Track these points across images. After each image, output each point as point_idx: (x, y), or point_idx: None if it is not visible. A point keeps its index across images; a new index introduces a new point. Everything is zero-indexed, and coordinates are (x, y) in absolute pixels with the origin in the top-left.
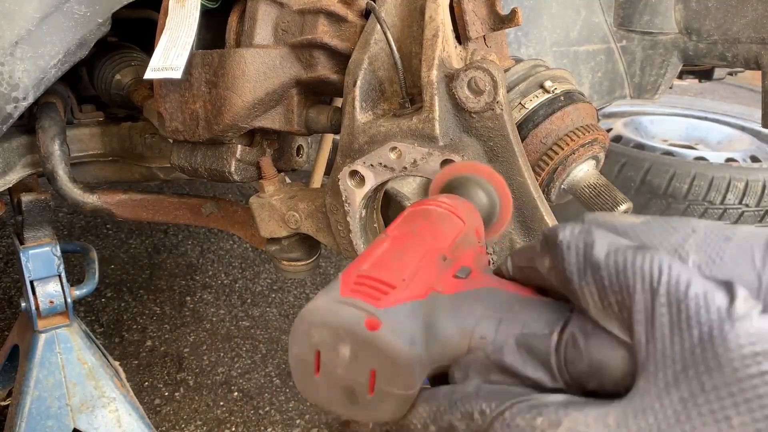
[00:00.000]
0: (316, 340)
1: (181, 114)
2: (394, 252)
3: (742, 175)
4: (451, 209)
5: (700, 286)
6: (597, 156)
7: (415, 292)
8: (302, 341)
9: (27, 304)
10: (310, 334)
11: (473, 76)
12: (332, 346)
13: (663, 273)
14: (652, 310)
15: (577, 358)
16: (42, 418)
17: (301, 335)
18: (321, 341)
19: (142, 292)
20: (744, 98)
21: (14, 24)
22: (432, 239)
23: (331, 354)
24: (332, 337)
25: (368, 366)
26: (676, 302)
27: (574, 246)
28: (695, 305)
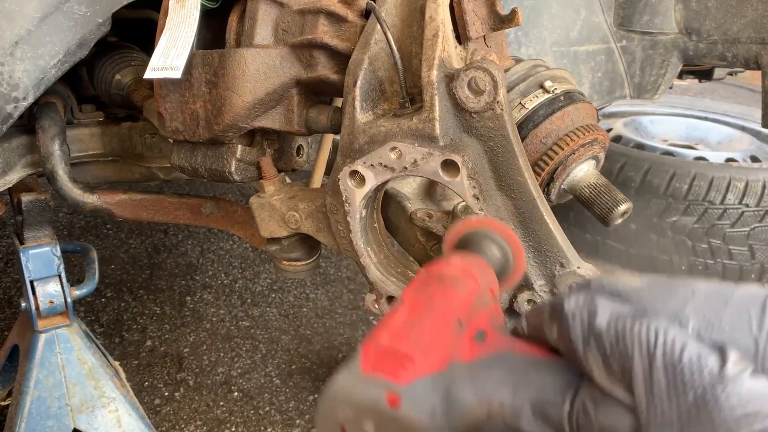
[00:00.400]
0: (340, 418)
1: (181, 114)
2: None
3: (742, 175)
4: (464, 271)
5: (694, 350)
6: (597, 156)
7: (433, 364)
8: (327, 419)
9: (27, 304)
10: (335, 413)
11: (473, 76)
12: (356, 422)
13: (659, 338)
14: (650, 375)
15: (587, 425)
16: (42, 418)
17: (326, 414)
18: (345, 419)
19: (142, 292)
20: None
21: (14, 24)
22: (447, 305)
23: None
24: (356, 414)
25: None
26: (672, 366)
27: (579, 316)
28: (689, 369)
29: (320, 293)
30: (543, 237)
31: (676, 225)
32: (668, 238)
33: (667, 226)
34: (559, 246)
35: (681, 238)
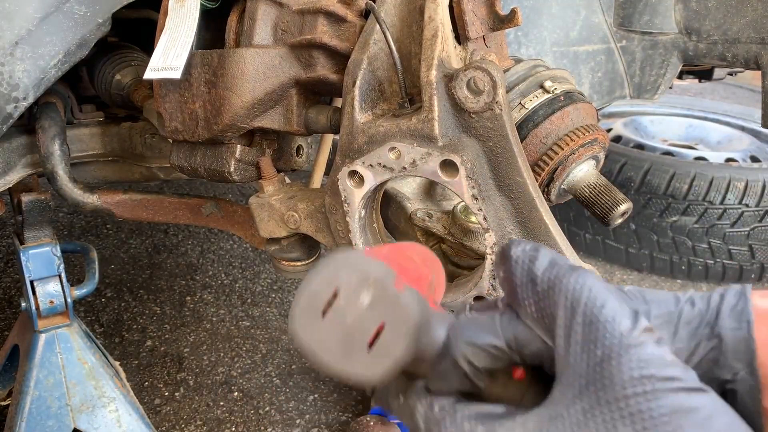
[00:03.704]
0: (341, 280)
1: (181, 114)
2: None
3: (742, 175)
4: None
5: (612, 310)
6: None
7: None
8: (327, 277)
9: (27, 304)
10: (339, 273)
11: (472, 76)
12: (355, 290)
13: (585, 292)
14: (570, 325)
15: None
16: (42, 418)
17: (326, 272)
18: (346, 282)
19: (142, 292)
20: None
21: (14, 24)
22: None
23: (350, 297)
24: (358, 282)
25: (380, 318)
26: (589, 321)
27: (521, 261)
28: (603, 326)
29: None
30: (542, 237)
31: (676, 225)
32: (668, 238)
33: (667, 226)
34: (558, 246)
35: (681, 238)
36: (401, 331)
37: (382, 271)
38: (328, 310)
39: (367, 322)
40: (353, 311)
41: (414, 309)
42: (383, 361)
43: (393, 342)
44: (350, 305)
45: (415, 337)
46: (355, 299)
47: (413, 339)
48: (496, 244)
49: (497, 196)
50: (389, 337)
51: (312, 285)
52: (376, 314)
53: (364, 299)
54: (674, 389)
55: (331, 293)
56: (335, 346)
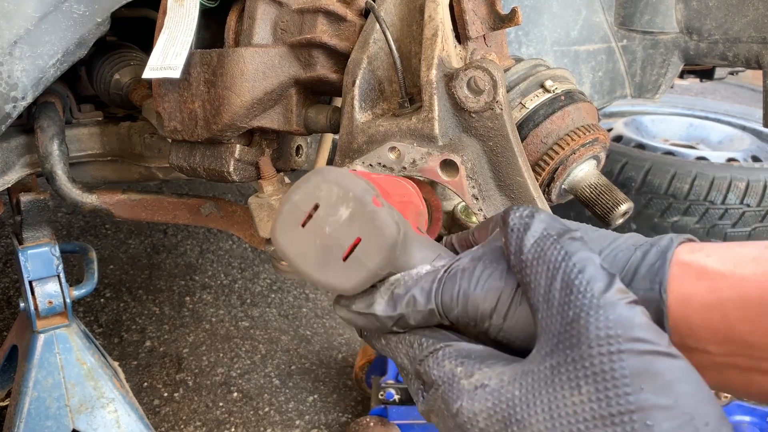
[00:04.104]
0: (321, 194)
1: (180, 113)
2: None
3: (744, 175)
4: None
5: (587, 275)
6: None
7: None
8: (309, 190)
9: (26, 304)
10: (319, 187)
11: (473, 75)
12: (335, 204)
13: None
14: (549, 290)
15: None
16: (41, 419)
17: (309, 185)
18: (326, 196)
19: (141, 292)
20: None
21: (13, 23)
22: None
23: (329, 210)
24: (339, 197)
25: (357, 233)
26: (566, 286)
27: (516, 229)
28: (578, 288)
29: (320, 293)
30: None
31: (677, 225)
32: None
33: (669, 226)
34: None
35: None
36: (375, 246)
37: (362, 187)
38: (308, 221)
39: (343, 235)
40: (331, 224)
41: (390, 227)
42: (356, 274)
43: (366, 256)
44: (329, 218)
45: (388, 254)
46: (333, 212)
47: (386, 255)
48: None
49: (498, 196)
50: (363, 251)
51: (295, 196)
52: (352, 228)
53: (342, 213)
54: (640, 351)
55: (312, 205)
56: (313, 255)
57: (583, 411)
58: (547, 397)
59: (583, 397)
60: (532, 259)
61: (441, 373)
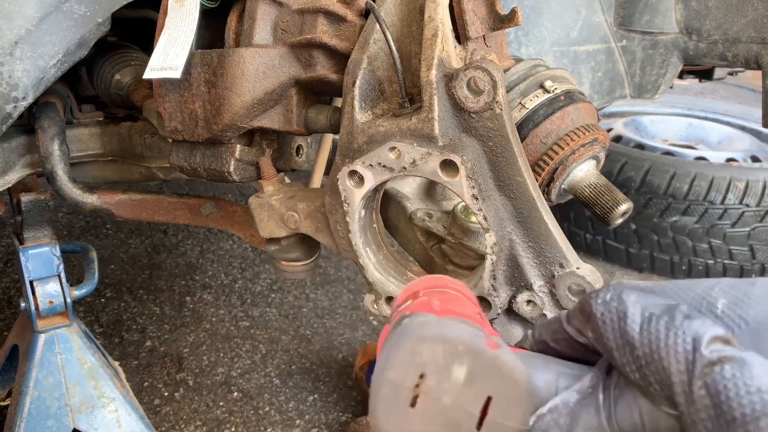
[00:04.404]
0: (424, 359)
1: (181, 114)
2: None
3: (743, 175)
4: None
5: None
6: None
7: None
8: (405, 361)
9: (26, 304)
10: (418, 352)
11: (472, 75)
12: (445, 366)
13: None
14: (691, 392)
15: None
16: (42, 419)
17: (404, 353)
18: (431, 361)
19: (141, 292)
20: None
21: (14, 24)
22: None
23: (440, 377)
24: (446, 355)
25: (485, 392)
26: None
27: (609, 320)
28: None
29: (320, 293)
30: (542, 237)
31: (677, 225)
32: (669, 239)
33: (668, 226)
34: (559, 246)
35: (682, 239)
36: (513, 401)
37: (468, 333)
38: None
39: (468, 400)
40: (449, 392)
41: (518, 370)
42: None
43: (506, 416)
44: (443, 385)
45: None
46: (447, 377)
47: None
48: (497, 244)
49: (497, 196)
50: (500, 411)
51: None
52: (477, 389)
53: (458, 375)
54: None
55: (416, 377)
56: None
57: None
58: None
59: None
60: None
61: None
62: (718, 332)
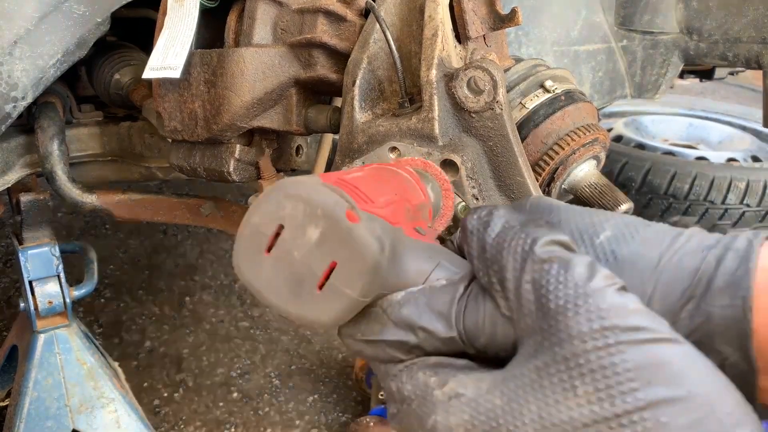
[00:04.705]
0: (285, 212)
1: (180, 113)
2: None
3: (744, 175)
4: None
5: (562, 262)
6: (598, 156)
7: (389, 216)
8: (269, 210)
9: (26, 304)
10: (282, 205)
11: (473, 75)
12: (302, 224)
13: (533, 249)
14: (519, 285)
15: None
16: (41, 419)
17: (270, 204)
18: (291, 215)
19: (141, 292)
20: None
21: (13, 23)
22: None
23: (296, 232)
24: (306, 214)
25: (331, 256)
26: (541, 276)
27: (475, 231)
28: (555, 281)
29: None
30: None
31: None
32: None
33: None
34: None
35: None
36: (353, 271)
37: (332, 200)
38: (273, 245)
39: (315, 260)
40: (300, 248)
41: (369, 246)
42: (335, 304)
43: (345, 283)
44: (296, 241)
45: (370, 278)
46: (301, 234)
47: (368, 280)
48: None
49: (498, 196)
50: (340, 277)
51: (254, 217)
52: (325, 252)
53: (311, 234)
54: (640, 341)
55: (275, 228)
56: (282, 285)
57: (581, 415)
58: (536, 404)
59: (580, 400)
60: (496, 254)
61: (413, 386)
62: (559, 237)
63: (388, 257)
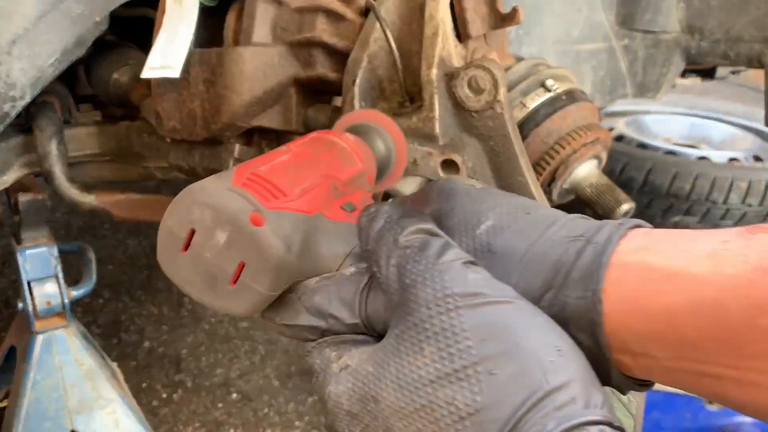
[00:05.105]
0: (194, 217)
1: (179, 113)
2: (293, 165)
3: (745, 174)
4: (353, 148)
5: (421, 244)
6: (599, 155)
7: (303, 207)
8: (180, 215)
9: (24, 304)
10: (191, 210)
11: (473, 74)
12: (210, 228)
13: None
14: (387, 269)
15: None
16: (39, 420)
17: (180, 209)
18: (199, 220)
19: (140, 293)
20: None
21: (12, 23)
22: (330, 167)
23: (205, 235)
24: (213, 219)
25: (239, 257)
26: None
27: (364, 228)
28: (411, 261)
29: None
30: None
31: (679, 225)
32: None
33: (670, 226)
34: None
35: None
36: (260, 270)
37: (237, 206)
38: (188, 245)
39: (225, 260)
40: (210, 249)
41: (273, 247)
42: (247, 298)
43: (253, 280)
44: (206, 243)
45: (276, 275)
46: (210, 237)
47: (274, 277)
48: None
49: None
50: (249, 275)
51: (168, 221)
52: (233, 253)
53: (219, 238)
54: (477, 304)
55: (187, 231)
56: (199, 281)
57: (428, 373)
58: (395, 367)
59: (426, 359)
60: (374, 248)
61: (320, 360)
62: (424, 226)
63: (298, 251)
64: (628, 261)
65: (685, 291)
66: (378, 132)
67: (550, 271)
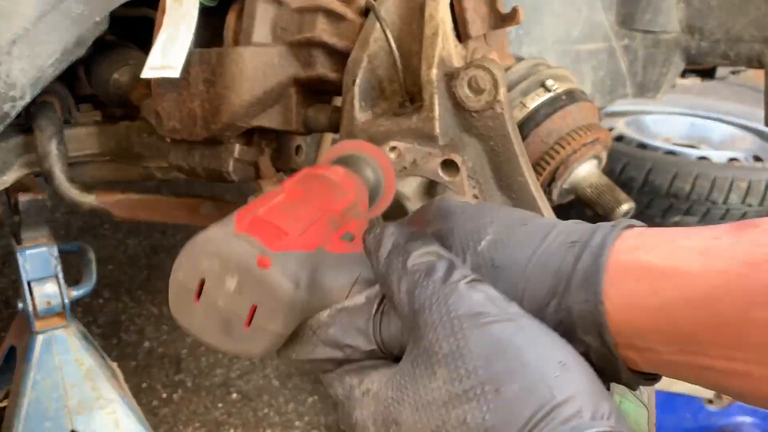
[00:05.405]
0: (203, 268)
1: (179, 113)
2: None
3: (745, 174)
4: (343, 180)
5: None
6: (599, 155)
7: (306, 243)
8: (189, 267)
9: (24, 304)
10: (199, 261)
11: (473, 74)
12: (219, 276)
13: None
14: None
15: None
16: (39, 420)
17: (189, 261)
18: (209, 270)
19: (140, 293)
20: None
21: (12, 23)
22: (324, 201)
23: (216, 284)
24: (221, 267)
25: (251, 301)
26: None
27: (372, 251)
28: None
29: None
30: None
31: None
32: None
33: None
34: None
35: None
36: (272, 311)
37: (243, 251)
38: (200, 295)
39: (238, 306)
40: (222, 297)
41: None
42: (262, 340)
43: (266, 321)
44: (218, 291)
45: (287, 313)
46: (220, 285)
47: (286, 315)
48: None
49: (499, 196)
50: (262, 317)
51: (178, 275)
52: (244, 298)
53: (229, 284)
54: (481, 324)
55: (198, 282)
56: (215, 329)
57: (441, 395)
58: (412, 390)
59: (438, 382)
60: (385, 274)
61: (342, 389)
62: (430, 248)
63: (306, 287)
64: (624, 261)
65: (680, 287)
66: (365, 161)
67: (552, 280)
